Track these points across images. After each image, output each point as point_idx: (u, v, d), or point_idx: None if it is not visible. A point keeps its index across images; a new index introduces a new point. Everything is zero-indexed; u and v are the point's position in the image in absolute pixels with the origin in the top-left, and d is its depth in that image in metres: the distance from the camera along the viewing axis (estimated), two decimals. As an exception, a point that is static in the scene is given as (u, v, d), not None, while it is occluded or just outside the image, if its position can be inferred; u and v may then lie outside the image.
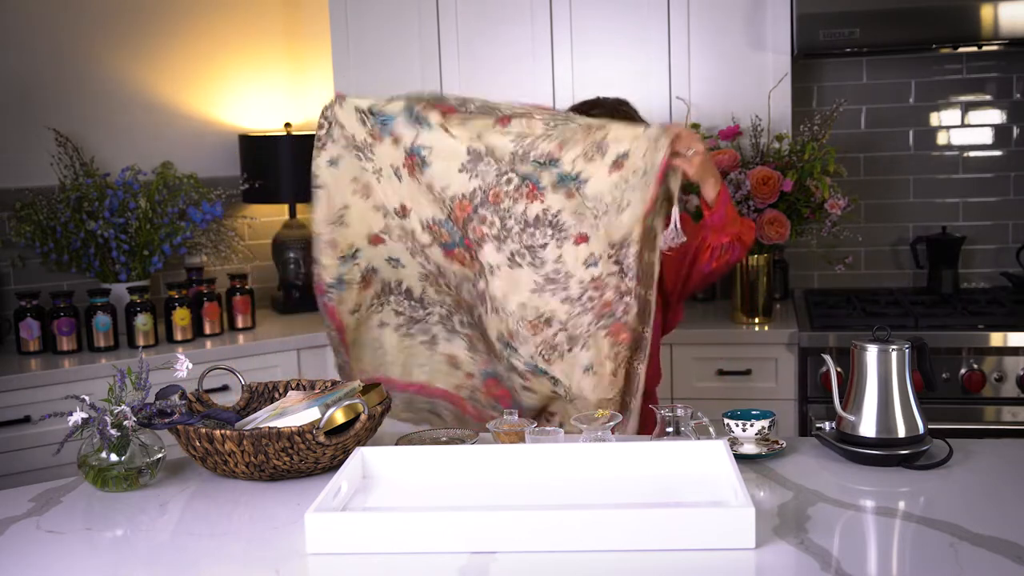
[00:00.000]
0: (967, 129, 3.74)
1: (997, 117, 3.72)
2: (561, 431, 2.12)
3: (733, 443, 2.10)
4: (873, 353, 2.06)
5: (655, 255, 2.27)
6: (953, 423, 3.06)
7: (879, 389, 2.05)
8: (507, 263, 2.29)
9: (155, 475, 2.07)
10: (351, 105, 2.37)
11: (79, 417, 1.99)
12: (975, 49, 3.58)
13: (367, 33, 3.75)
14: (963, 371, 3.14)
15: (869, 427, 2.04)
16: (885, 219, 3.81)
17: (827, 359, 2.15)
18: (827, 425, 2.12)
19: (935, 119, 3.75)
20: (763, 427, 2.12)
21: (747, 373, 3.31)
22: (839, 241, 3.63)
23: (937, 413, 2.98)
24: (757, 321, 3.41)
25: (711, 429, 2.13)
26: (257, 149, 3.91)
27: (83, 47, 3.70)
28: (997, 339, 3.13)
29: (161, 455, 2.08)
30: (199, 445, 2.03)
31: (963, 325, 3.19)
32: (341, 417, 2.02)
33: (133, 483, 2.04)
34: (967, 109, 3.73)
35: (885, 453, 2.02)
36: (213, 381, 3.11)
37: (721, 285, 3.83)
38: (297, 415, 2.08)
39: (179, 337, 3.47)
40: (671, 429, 2.10)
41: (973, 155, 3.75)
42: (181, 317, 3.46)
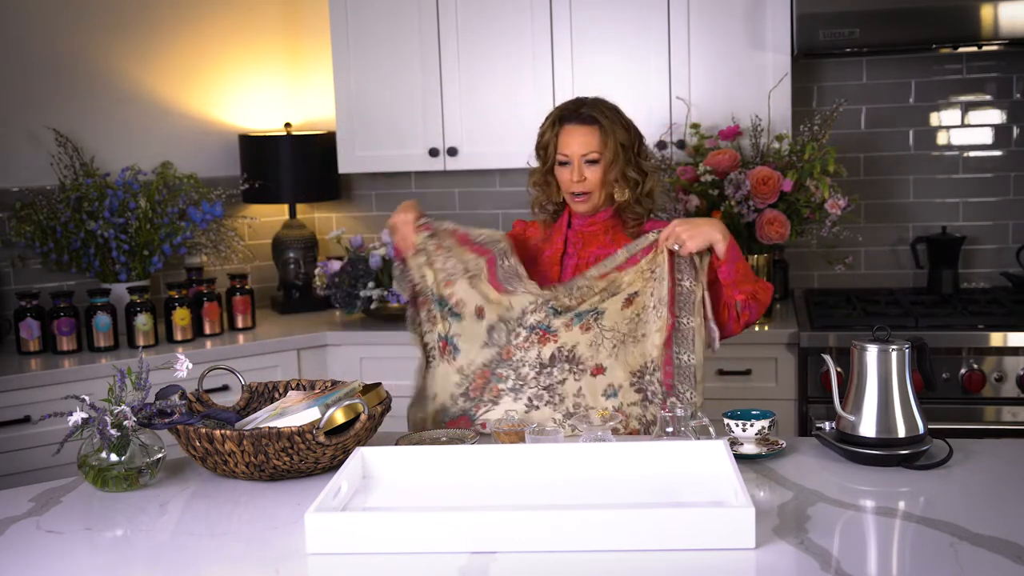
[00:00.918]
0: (967, 129, 3.74)
1: (997, 117, 3.72)
2: (561, 431, 2.12)
3: (733, 443, 2.10)
4: (873, 353, 2.06)
5: (694, 349, 2.34)
6: (953, 423, 3.06)
7: (879, 389, 2.05)
8: (525, 409, 2.36)
9: (155, 475, 2.07)
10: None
11: (79, 417, 1.99)
12: (975, 49, 3.58)
13: (367, 33, 3.75)
14: (963, 371, 3.14)
15: (869, 427, 2.04)
16: (885, 219, 3.81)
17: (827, 359, 2.15)
18: (827, 425, 2.12)
19: (935, 119, 3.75)
20: (763, 427, 2.13)
21: (747, 373, 3.31)
22: (839, 241, 3.63)
23: (937, 413, 2.98)
24: (757, 321, 3.40)
25: (711, 429, 2.13)
26: (257, 149, 3.91)
27: (83, 47, 3.70)
28: (997, 339, 3.13)
29: (161, 455, 2.08)
30: (199, 445, 2.03)
31: (963, 325, 3.19)
32: (341, 417, 2.02)
33: (133, 483, 2.04)
34: (967, 109, 3.73)
35: (885, 453, 2.02)
36: (213, 381, 3.11)
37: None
38: (297, 415, 2.08)
39: (179, 337, 3.47)
40: (671, 429, 2.10)
41: (973, 155, 3.75)
42: (181, 317, 3.46)
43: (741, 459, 2.04)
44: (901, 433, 2.04)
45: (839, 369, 2.16)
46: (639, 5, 3.53)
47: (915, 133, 3.77)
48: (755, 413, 2.16)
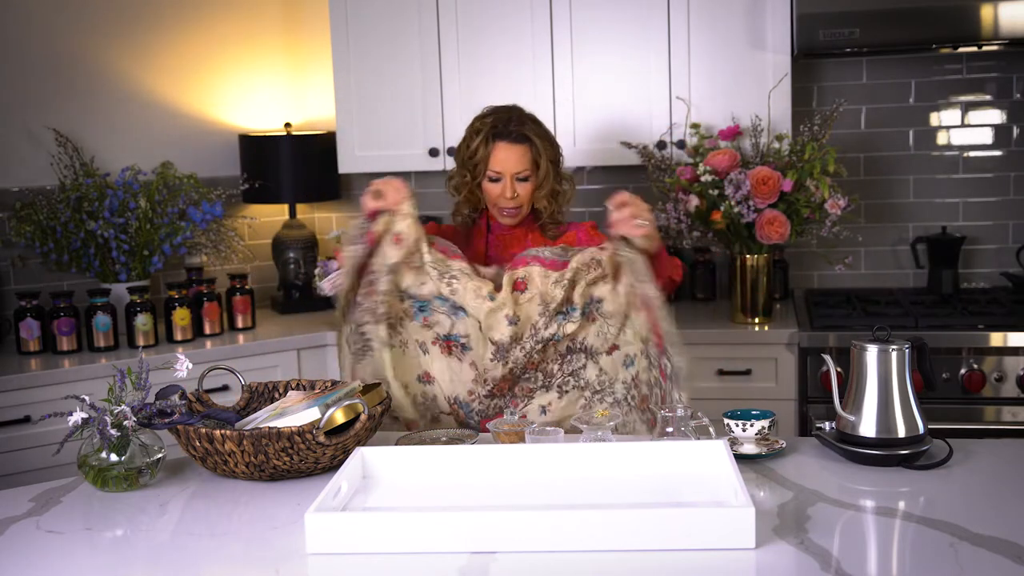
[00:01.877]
0: (967, 129, 3.74)
1: (997, 117, 3.72)
2: (561, 431, 2.12)
3: (733, 443, 2.10)
4: (873, 353, 2.06)
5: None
6: (953, 423, 3.06)
7: (879, 389, 2.05)
8: (557, 397, 2.40)
9: (155, 475, 2.07)
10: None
11: (79, 417, 1.99)
12: (975, 49, 3.58)
13: (367, 33, 3.75)
14: (963, 371, 3.14)
15: (869, 427, 2.04)
16: (885, 219, 3.81)
17: (827, 359, 2.15)
18: (827, 425, 2.12)
19: (935, 119, 3.75)
20: (763, 427, 2.13)
21: (747, 373, 3.31)
22: (839, 241, 3.63)
23: (937, 413, 2.98)
24: (757, 321, 3.41)
25: (711, 429, 2.13)
26: (257, 149, 3.91)
27: (83, 47, 3.70)
28: (997, 339, 3.13)
29: (161, 455, 2.08)
30: (199, 445, 2.03)
31: (963, 325, 3.19)
32: (341, 417, 2.02)
33: (133, 483, 2.04)
34: (967, 109, 3.73)
35: (885, 453, 2.02)
36: (213, 381, 3.10)
37: (721, 285, 3.83)
38: (297, 415, 2.08)
39: (179, 337, 3.47)
40: (671, 429, 2.10)
41: (973, 155, 3.75)
42: (181, 317, 3.46)
43: (741, 459, 2.04)
44: (901, 433, 2.04)
45: (839, 369, 2.16)
46: (639, 5, 3.53)
47: (915, 133, 3.77)
48: (755, 413, 2.16)
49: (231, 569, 1.71)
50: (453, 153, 2.64)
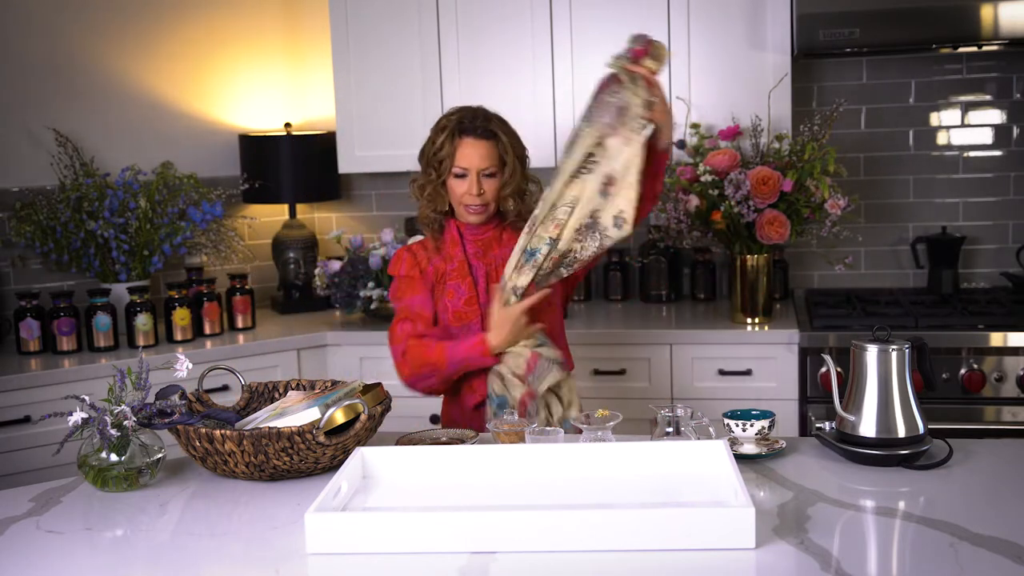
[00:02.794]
0: (967, 129, 3.74)
1: (997, 117, 3.72)
2: (561, 431, 2.12)
3: (733, 443, 2.10)
4: (873, 353, 2.06)
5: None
6: (953, 423, 3.06)
7: (879, 389, 2.05)
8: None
9: (155, 475, 2.07)
10: None
11: (79, 417, 1.99)
12: (975, 49, 3.58)
13: (367, 33, 3.75)
14: (963, 371, 3.14)
15: (869, 427, 2.04)
16: (885, 219, 3.81)
17: (827, 359, 2.15)
18: (827, 425, 2.12)
19: (935, 119, 3.75)
20: (763, 427, 2.13)
21: (747, 373, 3.31)
22: (839, 241, 3.63)
23: (937, 413, 2.98)
24: (757, 321, 3.40)
25: (711, 429, 2.13)
26: (257, 149, 3.91)
27: (83, 47, 3.70)
28: (997, 339, 3.13)
29: (161, 455, 2.08)
30: (199, 445, 2.03)
31: (963, 325, 3.19)
32: (341, 417, 2.02)
33: (133, 483, 2.04)
34: (967, 109, 3.73)
35: (885, 453, 2.02)
36: (213, 381, 3.11)
37: (721, 285, 3.83)
38: (297, 415, 2.08)
39: (179, 337, 3.47)
40: (671, 429, 2.10)
41: (973, 155, 3.75)
42: (181, 317, 3.46)
43: (741, 459, 2.04)
44: (901, 433, 2.04)
45: (839, 369, 2.16)
46: (639, 5, 3.53)
47: (915, 133, 3.77)
48: (755, 413, 2.16)
49: (231, 569, 1.71)
50: (419, 157, 2.64)
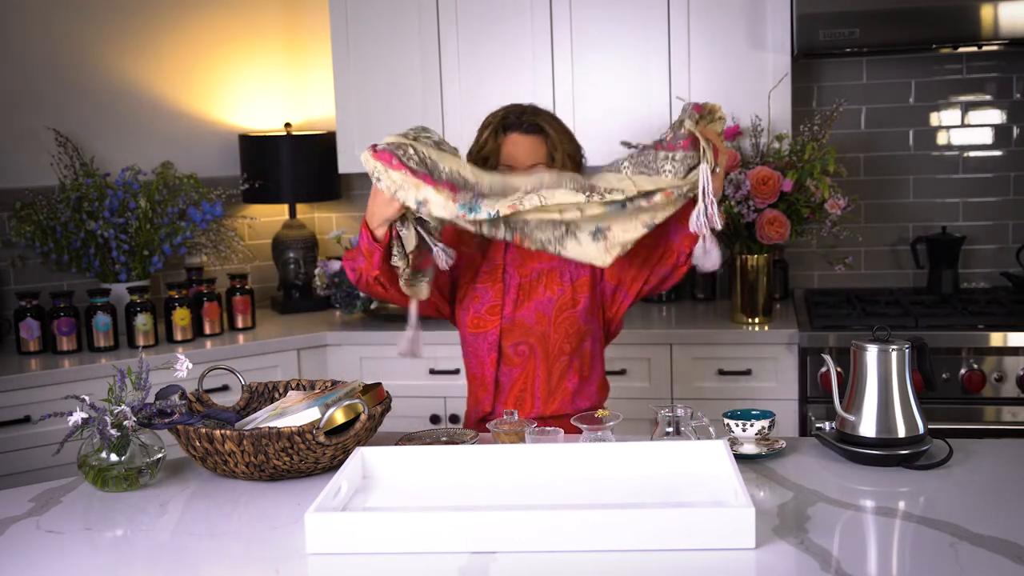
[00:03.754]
0: (967, 129, 3.74)
1: (997, 117, 3.72)
2: (561, 432, 2.12)
3: (733, 443, 2.10)
4: (873, 353, 2.06)
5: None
6: (953, 423, 3.06)
7: (879, 389, 2.05)
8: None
9: (155, 475, 2.07)
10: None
11: (79, 417, 1.99)
12: (975, 49, 3.58)
13: (367, 33, 3.75)
14: (963, 371, 3.14)
15: (869, 427, 2.04)
16: (885, 219, 3.81)
17: (827, 359, 2.15)
18: (827, 425, 2.12)
19: (935, 119, 3.75)
20: (763, 427, 2.13)
21: (747, 373, 3.31)
22: (839, 241, 3.63)
23: (937, 413, 2.98)
24: (757, 321, 3.40)
25: (711, 429, 2.13)
26: (257, 149, 3.91)
27: (83, 47, 3.70)
28: (997, 339, 3.13)
29: (161, 455, 2.08)
30: (199, 445, 2.03)
31: (963, 325, 3.19)
32: (341, 417, 2.02)
33: (133, 483, 2.04)
34: (967, 109, 3.73)
35: (885, 453, 2.02)
36: (213, 381, 3.11)
37: (721, 285, 3.83)
38: (297, 415, 2.08)
39: (179, 337, 3.47)
40: (671, 429, 2.10)
41: (973, 155, 3.75)
42: (181, 317, 3.46)
43: (741, 459, 2.04)
44: (901, 433, 2.04)
45: (839, 369, 2.16)
46: (639, 5, 3.53)
47: (915, 133, 3.77)
48: (755, 413, 2.16)
49: (231, 569, 1.71)
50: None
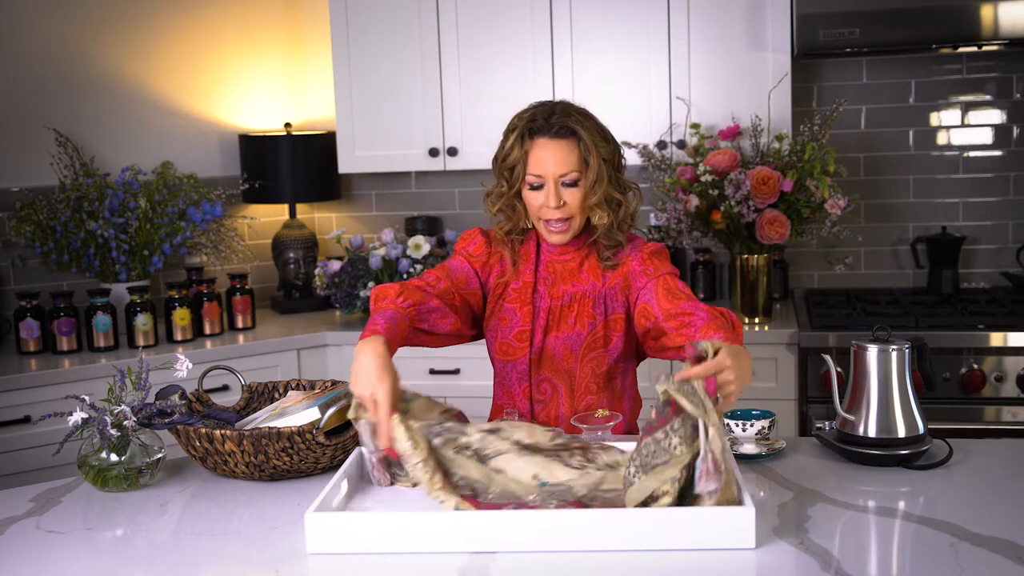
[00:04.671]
0: (967, 129, 3.74)
1: (997, 117, 3.72)
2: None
3: (733, 443, 2.10)
4: (873, 353, 2.06)
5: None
6: (953, 423, 3.06)
7: (879, 389, 2.05)
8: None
9: (155, 475, 2.07)
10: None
11: (79, 417, 1.99)
12: (975, 49, 3.58)
13: (367, 33, 3.75)
14: (963, 371, 3.14)
15: (869, 427, 2.04)
16: (885, 219, 3.81)
17: (827, 359, 2.15)
18: (827, 425, 2.12)
19: (935, 119, 3.75)
20: (763, 427, 2.13)
21: (747, 373, 3.30)
22: (839, 241, 3.63)
23: (937, 413, 2.98)
24: (757, 321, 3.40)
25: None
26: (257, 149, 3.91)
27: (83, 47, 3.70)
28: (997, 339, 3.13)
29: (161, 455, 2.08)
30: (199, 445, 2.03)
31: (963, 325, 3.19)
32: (341, 417, 2.02)
33: (133, 483, 2.04)
34: (967, 109, 3.73)
35: (885, 453, 2.02)
36: (213, 381, 3.11)
37: (721, 285, 3.83)
38: (297, 415, 2.08)
39: (179, 337, 3.47)
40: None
41: (973, 155, 3.75)
42: (181, 317, 3.46)
43: (741, 459, 2.04)
44: (901, 433, 2.04)
45: (839, 369, 2.16)
46: (639, 5, 3.53)
47: (915, 133, 3.77)
48: (755, 413, 2.16)
49: (231, 569, 1.71)
50: (492, 164, 2.20)
